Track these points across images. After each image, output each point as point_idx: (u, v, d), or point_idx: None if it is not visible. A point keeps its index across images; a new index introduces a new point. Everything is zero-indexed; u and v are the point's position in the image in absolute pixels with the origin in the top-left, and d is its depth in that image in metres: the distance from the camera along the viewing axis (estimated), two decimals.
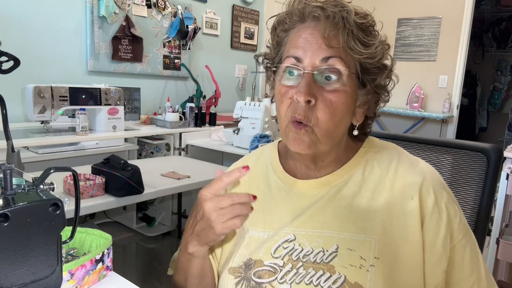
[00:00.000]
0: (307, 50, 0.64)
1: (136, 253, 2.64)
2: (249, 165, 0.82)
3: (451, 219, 0.66)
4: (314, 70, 0.64)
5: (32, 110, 2.00)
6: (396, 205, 0.66)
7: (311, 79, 0.64)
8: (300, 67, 0.65)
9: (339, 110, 0.65)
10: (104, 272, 0.74)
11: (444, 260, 0.65)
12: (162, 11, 3.08)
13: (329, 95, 0.64)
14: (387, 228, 0.65)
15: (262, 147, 0.86)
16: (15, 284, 0.53)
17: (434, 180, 0.69)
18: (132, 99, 2.98)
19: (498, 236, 1.90)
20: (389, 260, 0.64)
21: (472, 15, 4.00)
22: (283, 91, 0.67)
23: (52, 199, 0.56)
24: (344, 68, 0.64)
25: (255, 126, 2.42)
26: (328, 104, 0.64)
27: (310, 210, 0.70)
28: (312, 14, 0.65)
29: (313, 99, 0.63)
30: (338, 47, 0.63)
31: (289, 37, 0.69)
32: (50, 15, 2.47)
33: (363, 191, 0.69)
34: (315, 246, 0.67)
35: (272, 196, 0.75)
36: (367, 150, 0.74)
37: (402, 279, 0.63)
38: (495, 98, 5.71)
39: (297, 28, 0.68)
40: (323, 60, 0.64)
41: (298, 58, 0.65)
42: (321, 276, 0.65)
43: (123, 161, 1.52)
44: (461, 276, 0.67)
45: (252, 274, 0.69)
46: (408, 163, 0.71)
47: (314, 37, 0.64)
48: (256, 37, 4.00)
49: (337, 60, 0.63)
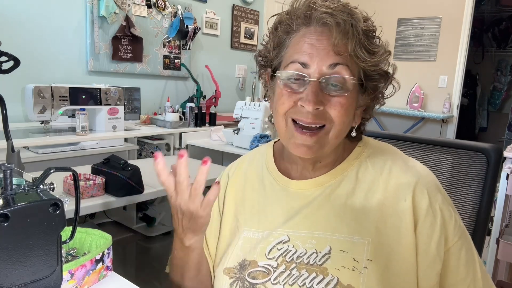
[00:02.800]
0: (314, 56, 0.63)
1: (136, 253, 2.64)
2: (244, 167, 0.83)
3: (445, 221, 0.65)
4: (321, 78, 0.63)
5: (32, 110, 2.00)
6: (389, 206, 0.66)
7: (318, 87, 0.63)
8: (306, 73, 0.64)
9: (348, 111, 0.66)
10: (104, 272, 0.74)
11: (438, 262, 0.65)
12: (162, 11, 3.08)
13: (337, 99, 0.64)
14: (380, 229, 0.65)
15: (257, 149, 0.86)
16: (15, 284, 0.53)
17: (428, 181, 0.68)
18: (132, 99, 2.97)
19: (498, 236, 1.90)
20: (382, 262, 0.63)
21: (472, 15, 4.00)
22: (286, 93, 0.66)
23: (52, 199, 0.56)
24: (350, 77, 0.64)
25: (255, 126, 2.42)
26: (339, 106, 0.64)
27: (304, 210, 0.70)
28: (321, 20, 0.64)
29: (321, 106, 0.63)
30: (345, 55, 0.63)
31: (291, 40, 0.67)
32: (50, 15, 2.47)
33: (357, 192, 0.69)
34: (308, 247, 0.67)
35: (267, 196, 0.75)
36: (361, 150, 0.74)
37: (395, 281, 0.63)
38: (495, 98, 5.71)
39: (302, 32, 0.66)
40: (330, 66, 0.63)
41: (304, 63, 0.64)
42: (314, 278, 0.64)
43: (123, 161, 1.52)
44: (456, 278, 0.66)
45: (247, 275, 0.69)
46: (402, 164, 0.70)
47: (321, 43, 0.63)
48: (256, 37, 4.00)
49: (343, 68, 0.63)
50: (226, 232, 0.77)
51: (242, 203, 0.78)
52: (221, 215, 0.80)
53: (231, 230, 0.77)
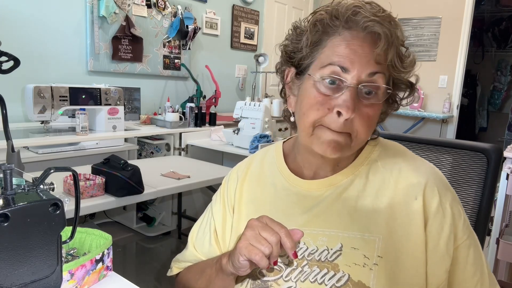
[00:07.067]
0: (355, 62, 0.62)
1: (136, 253, 2.64)
2: (253, 167, 0.83)
3: (455, 219, 0.66)
4: (359, 84, 0.63)
5: (32, 110, 2.00)
6: (400, 205, 0.67)
7: (356, 93, 0.63)
8: (344, 78, 0.63)
9: (373, 122, 0.66)
10: (104, 272, 0.74)
11: (447, 260, 0.65)
12: (162, 11, 3.08)
13: (366, 109, 0.64)
14: (391, 227, 0.66)
15: (265, 149, 0.86)
16: (15, 284, 0.53)
17: (438, 180, 0.69)
18: (132, 99, 2.98)
19: (498, 236, 1.90)
20: (392, 259, 0.64)
21: (472, 15, 4.00)
22: (319, 98, 0.65)
23: (52, 199, 0.56)
24: (385, 86, 0.64)
25: (255, 126, 2.42)
26: (366, 118, 0.64)
27: (315, 209, 0.71)
28: (368, 28, 0.62)
29: (354, 114, 0.63)
30: (384, 64, 0.63)
31: (330, 41, 0.65)
32: (50, 15, 2.47)
33: (367, 191, 0.69)
34: (319, 244, 0.68)
35: (278, 196, 0.76)
36: (372, 149, 0.74)
37: (404, 278, 0.64)
38: (495, 98, 5.71)
39: (343, 36, 0.64)
40: (369, 75, 0.63)
41: (344, 68, 0.63)
42: (325, 274, 0.65)
43: (123, 161, 1.52)
44: (464, 276, 0.67)
45: (258, 272, 0.70)
46: (412, 163, 0.71)
47: (363, 50, 0.62)
48: (256, 37, 4.00)
49: (381, 76, 0.63)
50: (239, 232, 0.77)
51: (253, 202, 0.78)
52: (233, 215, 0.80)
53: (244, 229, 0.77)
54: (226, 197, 0.82)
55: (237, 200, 0.80)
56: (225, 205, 0.82)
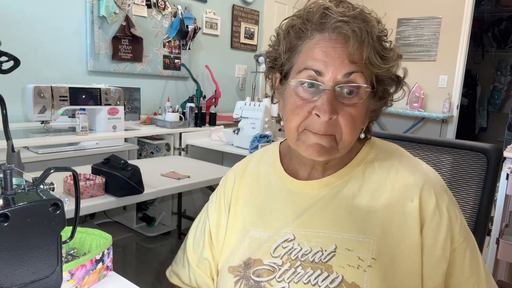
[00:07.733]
0: (328, 65, 0.62)
1: (136, 253, 2.64)
2: (251, 167, 0.83)
3: (452, 222, 0.66)
4: (336, 86, 0.63)
5: (32, 110, 2.00)
6: (396, 207, 0.66)
7: (333, 95, 0.63)
8: (320, 81, 0.63)
9: (358, 122, 0.66)
10: (104, 272, 0.74)
11: (443, 262, 0.65)
12: (162, 11, 3.08)
13: (349, 109, 0.64)
14: (386, 229, 0.65)
15: (264, 149, 0.86)
16: (15, 284, 0.53)
17: (435, 182, 0.68)
18: (132, 99, 2.98)
19: (498, 236, 1.90)
20: (387, 261, 0.64)
21: (472, 15, 4.00)
22: (299, 103, 0.65)
23: (52, 199, 0.56)
24: (365, 84, 0.63)
25: (255, 126, 2.42)
26: (349, 118, 0.64)
27: (310, 210, 0.70)
28: (338, 29, 0.62)
29: (335, 115, 0.63)
30: (360, 63, 0.63)
31: (304, 46, 0.66)
32: (50, 15, 2.47)
33: (363, 192, 0.69)
34: (313, 245, 0.68)
35: (273, 197, 0.76)
36: (368, 151, 0.74)
37: (399, 280, 0.63)
38: (495, 98, 5.71)
39: (316, 39, 0.64)
40: (345, 75, 0.62)
41: (318, 71, 0.63)
42: (319, 275, 0.65)
43: (123, 161, 1.52)
44: (461, 278, 0.67)
45: (251, 273, 0.69)
46: (409, 164, 0.71)
47: (336, 51, 0.62)
48: (256, 37, 4.00)
49: (358, 75, 0.63)
50: (234, 231, 0.77)
51: (249, 203, 0.78)
52: (228, 214, 0.80)
53: (239, 229, 0.77)
54: (223, 197, 0.82)
55: (233, 199, 0.80)
56: (221, 204, 0.82)
